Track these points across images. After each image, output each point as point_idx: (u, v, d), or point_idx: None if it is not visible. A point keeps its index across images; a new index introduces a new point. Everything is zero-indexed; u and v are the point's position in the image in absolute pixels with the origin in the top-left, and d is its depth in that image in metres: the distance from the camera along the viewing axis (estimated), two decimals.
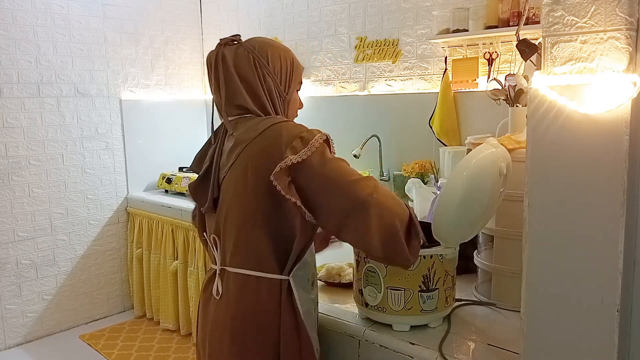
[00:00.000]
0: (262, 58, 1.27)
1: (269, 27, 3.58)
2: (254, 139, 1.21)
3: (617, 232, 0.91)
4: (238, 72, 1.27)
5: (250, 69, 1.26)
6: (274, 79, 1.28)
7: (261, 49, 1.28)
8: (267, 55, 1.27)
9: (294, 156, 1.14)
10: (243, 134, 1.24)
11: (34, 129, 3.24)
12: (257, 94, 1.27)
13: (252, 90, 1.27)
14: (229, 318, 1.26)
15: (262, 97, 1.27)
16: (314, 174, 1.16)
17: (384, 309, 1.30)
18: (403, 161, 2.79)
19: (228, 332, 1.26)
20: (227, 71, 1.27)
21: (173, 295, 3.32)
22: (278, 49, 1.31)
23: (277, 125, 1.21)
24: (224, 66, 1.27)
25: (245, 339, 1.25)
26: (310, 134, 1.18)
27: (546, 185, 0.98)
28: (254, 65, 1.26)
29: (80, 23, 3.38)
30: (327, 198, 1.16)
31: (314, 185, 1.17)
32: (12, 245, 3.20)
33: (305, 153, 1.15)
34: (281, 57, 1.30)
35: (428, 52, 2.80)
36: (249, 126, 1.25)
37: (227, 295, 1.28)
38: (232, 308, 1.26)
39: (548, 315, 1.01)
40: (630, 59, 0.89)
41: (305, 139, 1.17)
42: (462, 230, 1.30)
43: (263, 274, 1.24)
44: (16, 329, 3.24)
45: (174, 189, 3.55)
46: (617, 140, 0.89)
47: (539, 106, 0.97)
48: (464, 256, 1.54)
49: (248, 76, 1.26)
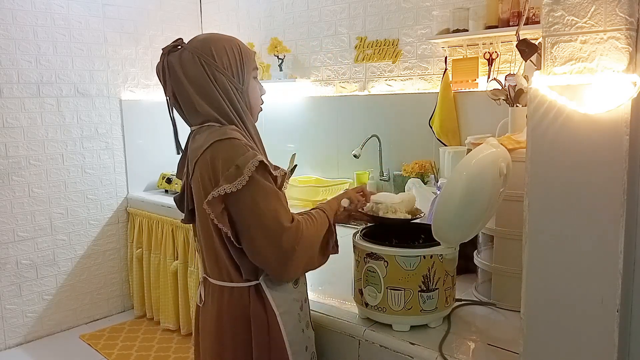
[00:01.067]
0: (207, 56, 1.22)
1: (269, 27, 3.58)
2: (201, 155, 1.20)
3: (617, 232, 0.91)
4: (187, 77, 1.23)
5: (199, 71, 1.22)
6: (225, 74, 1.24)
7: (204, 46, 1.23)
8: (211, 52, 1.23)
9: (227, 185, 1.14)
10: (195, 149, 1.24)
11: (34, 129, 3.24)
12: (212, 95, 1.23)
13: (205, 93, 1.23)
14: (213, 325, 1.31)
15: (217, 98, 1.23)
16: (245, 210, 1.17)
17: (384, 309, 1.30)
18: (403, 161, 2.79)
19: (211, 338, 1.31)
20: (177, 79, 1.24)
21: (173, 295, 3.32)
22: (221, 41, 1.26)
23: (220, 142, 1.18)
24: (173, 75, 1.24)
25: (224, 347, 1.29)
26: (244, 161, 1.15)
27: (546, 185, 0.98)
28: (202, 66, 1.22)
29: (80, 23, 3.38)
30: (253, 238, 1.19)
31: (243, 219, 1.18)
32: (12, 245, 3.20)
33: (240, 183, 1.14)
34: (226, 48, 1.25)
35: (428, 52, 2.80)
36: (201, 138, 1.23)
37: (209, 304, 1.33)
38: (214, 317, 1.30)
39: (548, 315, 1.00)
40: (630, 59, 0.89)
41: (240, 167, 1.15)
42: (462, 230, 1.30)
43: (232, 284, 1.27)
44: (16, 329, 3.24)
45: (174, 189, 3.55)
46: (617, 140, 0.89)
47: (539, 106, 0.97)
48: (464, 256, 1.54)
49: (198, 79, 1.23)
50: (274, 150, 3.51)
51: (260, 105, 1.36)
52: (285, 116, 3.51)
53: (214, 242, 1.25)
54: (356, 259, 1.37)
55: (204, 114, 1.25)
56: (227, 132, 1.21)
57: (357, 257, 1.36)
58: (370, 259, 1.31)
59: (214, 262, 1.29)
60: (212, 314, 1.31)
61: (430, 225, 1.30)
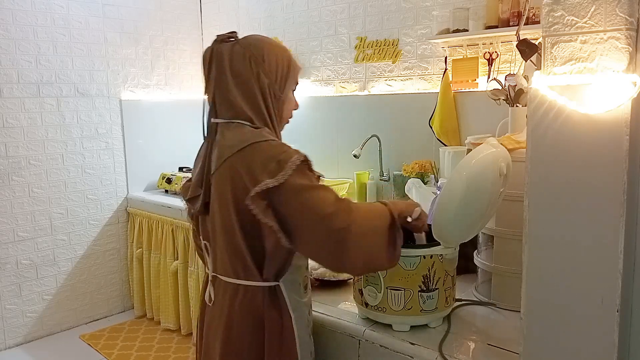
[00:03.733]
0: (257, 56, 1.24)
1: (269, 27, 3.58)
2: (235, 153, 1.19)
3: (617, 232, 0.91)
4: (232, 69, 1.24)
5: (245, 67, 1.24)
6: (269, 77, 1.25)
7: (257, 47, 1.25)
8: (263, 54, 1.25)
9: (270, 180, 1.13)
10: (227, 145, 1.22)
11: (34, 129, 3.24)
12: (251, 91, 1.24)
13: (245, 87, 1.24)
14: (222, 325, 1.28)
15: (255, 96, 1.24)
16: (290, 200, 1.14)
17: (384, 309, 1.30)
18: (403, 161, 2.79)
19: (220, 338, 1.28)
20: (221, 68, 1.25)
21: (173, 295, 3.32)
22: (275, 47, 1.28)
23: (258, 144, 1.18)
24: (218, 63, 1.25)
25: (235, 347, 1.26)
26: (287, 156, 1.15)
27: (546, 185, 0.98)
28: (249, 63, 1.24)
29: (80, 23, 3.38)
30: (303, 226, 1.15)
31: (290, 211, 1.15)
32: (12, 245, 3.20)
33: (283, 177, 1.13)
34: (278, 56, 1.27)
35: (428, 52, 2.80)
36: (233, 136, 1.22)
37: (219, 302, 1.30)
38: (225, 316, 1.27)
39: (548, 315, 1.00)
40: (630, 59, 0.89)
41: (282, 161, 1.14)
42: (462, 231, 1.30)
43: (249, 282, 1.25)
44: (16, 329, 3.24)
45: (174, 189, 3.55)
46: (617, 140, 0.89)
47: (539, 106, 0.97)
48: (464, 256, 1.54)
49: (242, 73, 1.24)
50: None
51: (289, 118, 1.37)
52: None
53: (235, 238, 1.21)
54: None
55: (237, 109, 1.25)
56: (264, 135, 1.21)
57: None
58: None
59: (230, 259, 1.25)
60: (222, 313, 1.27)
61: (429, 225, 1.30)
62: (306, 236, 1.16)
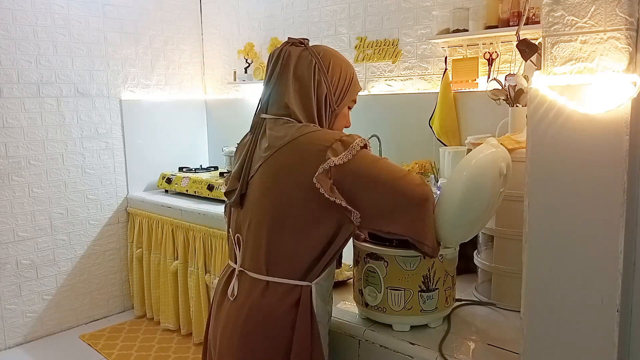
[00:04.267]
0: (323, 64, 1.27)
1: (269, 27, 3.58)
2: (287, 143, 1.20)
3: (617, 232, 0.91)
4: (295, 72, 1.26)
5: (308, 71, 1.26)
6: (329, 87, 1.27)
7: (325, 56, 1.28)
8: (329, 63, 1.28)
9: (335, 158, 1.14)
10: (277, 137, 1.23)
11: (34, 129, 3.24)
12: (307, 95, 1.26)
13: (303, 91, 1.26)
14: (241, 320, 1.24)
15: (310, 101, 1.26)
16: (359, 175, 1.16)
17: (384, 309, 1.30)
18: (403, 161, 2.79)
19: (238, 333, 1.25)
20: (286, 68, 1.27)
21: (173, 295, 3.32)
22: (342, 61, 1.31)
23: (311, 133, 1.20)
24: (285, 63, 1.27)
25: (255, 343, 1.23)
26: (350, 138, 1.18)
27: (546, 185, 0.98)
28: (313, 69, 1.26)
29: (80, 23, 3.38)
30: (375, 196, 1.16)
31: (358, 185, 1.16)
32: (12, 245, 3.20)
33: (348, 155, 1.15)
34: (342, 69, 1.30)
35: (428, 52, 2.80)
36: (284, 130, 1.23)
37: (242, 297, 1.26)
38: (245, 311, 1.24)
39: (548, 315, 1.00)
40: (630, 59, 0.89)
41: (345, 142, 1.17)
42: (462, 230, 1.29)
43: (284, 280, 1.22)
44: (16, 329, 3.24)
45: (174, 189, 3.55)
46: (617, 140, 0.89)
47: (539, 106, 0.97)
48: (464, 256, 1.54)
49: (304, 77, 1.26)
50: None
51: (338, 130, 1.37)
52: None
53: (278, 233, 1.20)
54: (356, 259, 1.36)
55: (289, 110, 1.26)
56: (317, 127, 1.24)
57: (357, 257, 1.36)
58: (370, 259, 1.31)
59: (264, 252, 1.22)
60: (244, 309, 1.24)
61: None
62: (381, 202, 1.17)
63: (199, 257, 3.08)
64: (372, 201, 1.17)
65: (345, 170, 1.15)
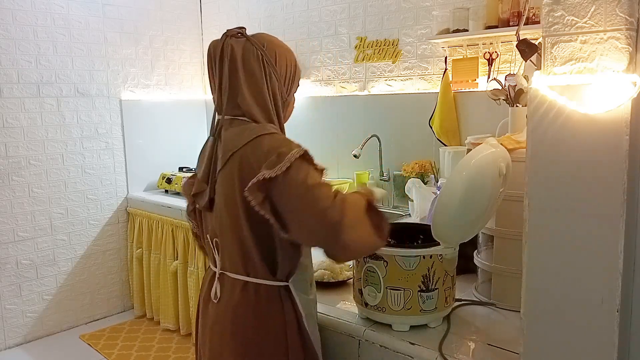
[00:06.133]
0: (270, 57, 1.25)
1: (269, 27, 3.58)
2: (241, 147, 1.20)
3: (617, 232, 0.91)
4: (245, 67, 1.23)
5: (258, 66, 1.23)
6: (279, 79, 1.27)
7: (269, 48, 1.26)
8: (275, 55, 1.26)
9: (267, 171, 1.13)
10: (232, 140, 1.22)
11: (34, 129, 3.24)
12: (261, 91, 1.24)
13: (256, 87, 1.24)
14: (229, 322, 1.26)
15: (265, 96, 1.24)
16: (286, 192, 1.14)
17: (384, 309, 1.30)
18: (403, 161, 2.79)
19: (228, 334, 1.26)
20: (234, 64, 1.24)
21: (173, 295, 3.32)
22: (284, 50, 1.30)
23: (261, 137, 1.19)
24: (231, 58, 1.23)
25: (248, 342, 1.25)
26: (288, 149, 1.15)
27: (546, 185, 0.98)
28: (262, 63, 1.24)
29: (80, 23, 3.38)
30: (299, 218, 1.16)
31: (285, 202, 1.15)
32: (12, 245, 3.20)
33: (280, 169, 1.12)
34: (287, 58, 1.29)
35: (428, 52, 2.80)
36: (239, 131, 1.22)
37: (226, 299, 1.28)
38: (231, 312, 1.26)
39: (548, 315, 1.00)
40: (630, 59, 0.89)
41: (282, 154, 1.14)
42: (462, 231, 1.30)
43: (260, 280, 1.24)
44: (16, 329, 3.24)
45: (174, 189, 3.55)
46: (617, 140, 0.89)
47: (539, 106, 0.97)
48: (464, 256, 1.54)
49: (255, 72, 1.23)
50: None
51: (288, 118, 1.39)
52: None
53: (244, 235, 1.21)
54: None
55: (245, 107, 1.24)
56: (269, 128, 1.22)
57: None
58: (369, 258, 1.31)
59: (238, 255, 1.24)
60: (227, 310, 1.26)
61: (429, 225, 1.30)
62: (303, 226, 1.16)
63: (199, 257, 3.08)
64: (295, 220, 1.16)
65: (275, 184, 1.14)
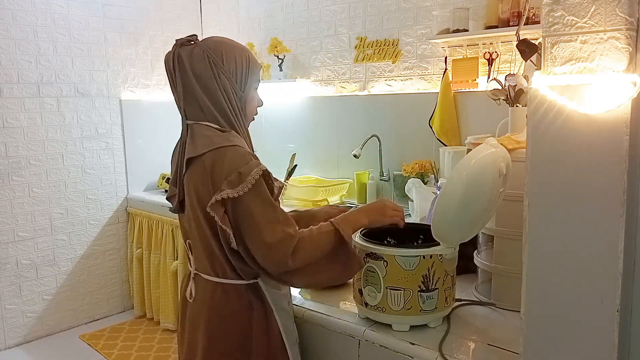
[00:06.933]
0: (217, 57, 1.27)
1: (269, 27, 3.58)
2: (201, 155, 1.23)
3: (617, 232, 0.91)
4: (194, 71, 1.27)
5: (206, 69, 1.26)
6: (229, 78, 1.29)
7: (216, 48, 1.28)
8: (222, 55, 1.28)
9: (229, 191, 1.17)
10: (194, 146, 1.26)
11: (34, 129, 3.24)
12: (215, 94, 1.27)
13: (208, 89, 1.27)
14: (203, 321, 1.31)
15: (219, 97, 1.27)
16: (242, 216, 1.20)
17: (384, 309, 1.30)
18: (403, 161, 2.79)
19: (201, 334, 1.31)
20: (184, 72, 1.28)
21: (173, 295, 3.32)
22: (233, 47, 1.31)
23: (222, 149, 1.22)
24: (180, 66, 1.28)
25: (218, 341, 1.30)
26: (248, 169, 1.19)
27: (546, 185, 0.98)
28: (209, 65, 1.27)
29: (80, 23, 3.38)
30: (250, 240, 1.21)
31: (239, 225, 1.21)
32: (12, 245, 3.20)
33: (242, 190, 1.17)
34: (236, 56, 1.30)
35: (428, 52, 2.80)
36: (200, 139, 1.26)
37: (200, 298, 1.33)
38: (205, 312, 1.31)
39: (548, 315, 1.00)
40: (630, 59, 0.89)
41: (243, 174, 1.18)
42: (461, 230, 1.30)
43: (228, 280, 1.29)
44: (16, 329, 3.24)
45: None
46: (617, 140, 0.89)
47: (539, 106, 0.97)
48: (464, 256, 1.54)
49: (204, 76, 1.27)
50: (274, 150, 3.51)
51: (254, 115, 1.41)
52: (285, 116, 3.51)
53: (209, 239, 1.27)
54: None
55: (204, 110, 1.28)
56: (230, 139, 1.25)
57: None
58: (370, 258, 1.31)
59: (207, 258, 1.30)
60: (202, 310, 1.32)
61: (429, 225, 1.30)
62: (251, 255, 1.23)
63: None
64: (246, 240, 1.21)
65: (234, 203, 1.19)
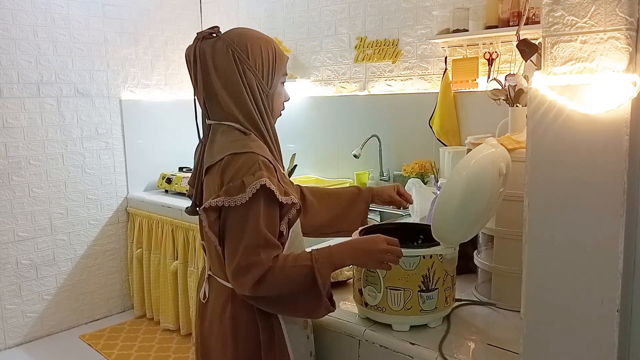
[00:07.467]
0: (242, 52, 1.19)
1: (269, 27, 3.58)
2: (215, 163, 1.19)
3: (617, 232, 0.91)
4: (216, 69, 1.20)
5: (230, 65, 1.19)
6: (256, 74, 1.21)
7: (240, 42, 1.20)
8: (247, 49, 1.20)
9: (227, 198, 1.12)
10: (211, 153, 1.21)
11: (34, 129, 3.24)
12: (238, 92, 1.20)
13: (232, 88, 1.20)
14: (216, 322, 1.29)
15: (243, 96, 1.20)
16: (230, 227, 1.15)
17: (384, 309, 1.30)
18: (403, 161, 2.79)
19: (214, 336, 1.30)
20: (206, 69, 1.21)
21: (173, 295, 3.32)
22: (259, 40, 1.23)
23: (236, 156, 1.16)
24: (202, 62, 1.20)
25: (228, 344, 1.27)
26: (250, 180, 1.12)
27: (546, 185, 0.98)
28: (234, 61, 1.19)
29: (80, 23, 3.38)
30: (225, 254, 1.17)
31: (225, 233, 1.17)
32: (12, 245, 3.20)
33: (240, 200, 1.11)
34: (262, 49, 1.22)
35: (428, 52, 2.80)
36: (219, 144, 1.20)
37: (212, 300, 1.32)
38: (218, 313, 1.29)
39: (548, 315, 1.00)
40: (630, 59, 0.89)
41: (244, 185, 1.12)
42: (461, 230, 1.29)
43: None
44: (16, 329, 3.24)
45: (174, 189, 3.55)
46: (617, 140, 0.89)
47: (539, 106, 0.97)
48: (464, 256, 1.54)
49: (227, 73, 1.19)
50: None
51: (281, 110, 1.34)
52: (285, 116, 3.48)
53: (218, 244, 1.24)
54: None
55: (226, 111, 1.21)
56: (249, 145, 1.18)
57: None
58: None
59: (217, 261, 1.28)
60: (216, 312, 1.29)
61: (429, 225, 1.30)
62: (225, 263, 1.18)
63: (199, 257, 3.08)
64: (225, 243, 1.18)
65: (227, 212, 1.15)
